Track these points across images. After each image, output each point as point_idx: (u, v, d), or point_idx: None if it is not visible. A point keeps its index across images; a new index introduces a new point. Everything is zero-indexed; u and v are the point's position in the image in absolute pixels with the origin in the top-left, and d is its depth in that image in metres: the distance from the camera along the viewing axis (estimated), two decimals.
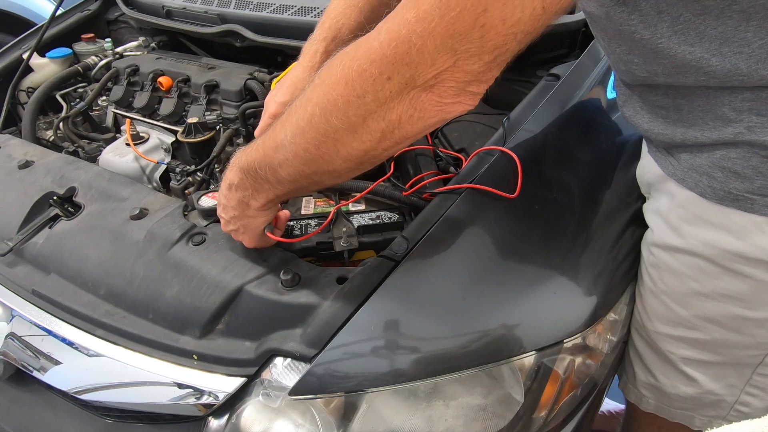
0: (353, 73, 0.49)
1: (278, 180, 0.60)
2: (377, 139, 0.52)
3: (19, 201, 0.90)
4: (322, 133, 0.53)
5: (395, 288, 0.64)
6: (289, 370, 0.64)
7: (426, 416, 0.61)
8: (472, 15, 0.43)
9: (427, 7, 0.44)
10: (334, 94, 0.50)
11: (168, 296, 0.71)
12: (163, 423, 0.73)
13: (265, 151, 0.59)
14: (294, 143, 0.55)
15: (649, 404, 0.80)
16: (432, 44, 0.44)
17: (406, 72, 0.47)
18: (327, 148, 0.53)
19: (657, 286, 0.70)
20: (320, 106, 0.52)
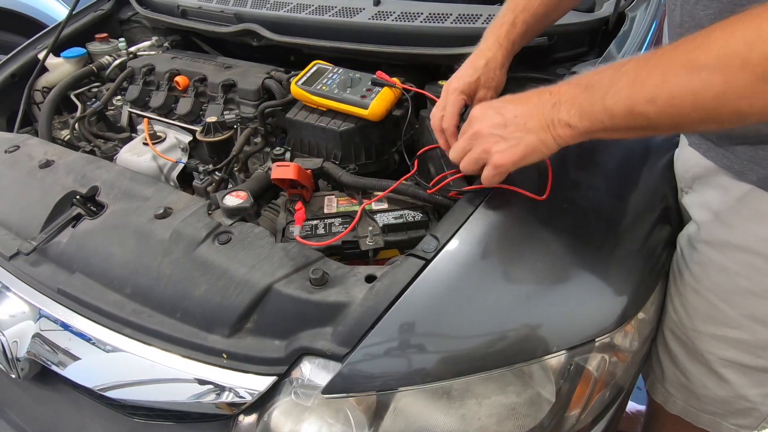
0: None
1: (623, 113, 0.53)
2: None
3: (41, 200, 0.90)
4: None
5: (426, 287, 0.64)
6: (320, 369, 0.64)
7: (459, 415, 0.61)
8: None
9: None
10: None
11: (196, 295, 0.71)
12: (190, 422, 0.73)
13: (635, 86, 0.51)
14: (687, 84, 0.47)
15: (676, 405, 0.80)
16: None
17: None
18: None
19: (701, 283, 0.69)
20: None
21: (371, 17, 1.08)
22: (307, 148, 1.03)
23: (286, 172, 0.82)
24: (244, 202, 0.80)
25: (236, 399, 0.67)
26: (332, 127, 0.97)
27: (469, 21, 1.02)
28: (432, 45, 1.03)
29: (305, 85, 1.00)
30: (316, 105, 1.01)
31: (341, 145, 0.98)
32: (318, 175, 0.93)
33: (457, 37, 1.01)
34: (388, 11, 1.08)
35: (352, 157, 0.99)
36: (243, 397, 0.66)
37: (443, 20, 1.03)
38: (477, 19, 1.01)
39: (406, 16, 1.06)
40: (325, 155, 1.00)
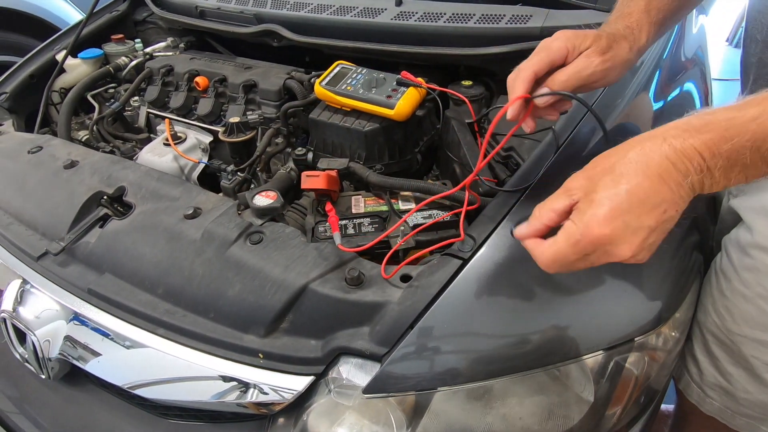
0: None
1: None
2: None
3: (68, 201, 0.90)
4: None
5: (464, 287, 0.64)
6: (357, 369, 0.64)
7: (501, 415, 0.60)
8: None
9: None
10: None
11: (230, 295, 0.71)
12: (224, 422, 0.73)
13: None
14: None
15: (713, 406, 0.79)
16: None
17: None
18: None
19: (752, 289, 0.68)
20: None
21: (393, 17, 1.08)
22: (330, 149, 1.03)
23: (317, 182, 0.82)
24: (275, 202, 0.80)
25: (274, 399, 0.67)
26: (357, 128, 0.97)
27: (493, 21, 1.02)
28: (455, 45, 1.03)
29: (329, 86, 1.00)
30: (340, 105, 1.01)
31: (366, 146, 0.98)
32: (344, 175, 0.93)
33: (480, 38, 1.01)
34: (410, 11, 1.08)
35: (376, 157, 0.99)
36: (281, 397, 0.66)
37: (466, 20, 1.03)
38: (500, 19, 1.01)
39: (428, 17, 1.06)
40: (349, 155, 1.00)
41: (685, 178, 0.45)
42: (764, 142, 0.44)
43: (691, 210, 0.79)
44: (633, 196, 0.45)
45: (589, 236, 0.46)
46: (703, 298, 0.78)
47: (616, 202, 0.46)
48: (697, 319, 0.78)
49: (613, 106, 0.84)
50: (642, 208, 0.46)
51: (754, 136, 0.44)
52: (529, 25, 0.99)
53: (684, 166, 0.45)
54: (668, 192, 0.46)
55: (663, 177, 0.45)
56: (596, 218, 0.46)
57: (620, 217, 0.46)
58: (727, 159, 0.45)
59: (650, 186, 0.45)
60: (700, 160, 0.45)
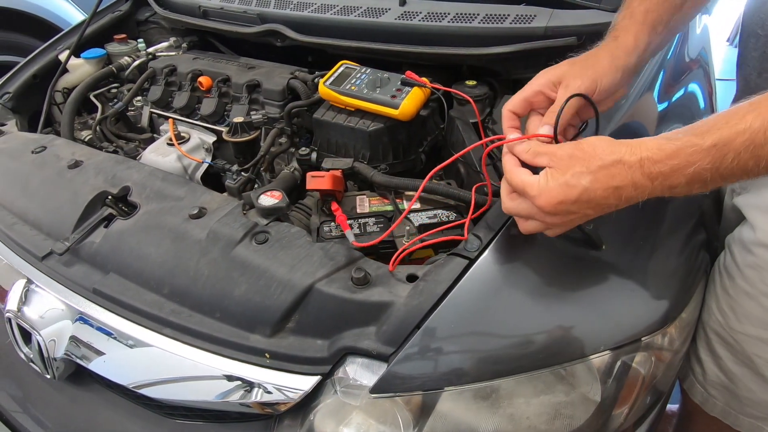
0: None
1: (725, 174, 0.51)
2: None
3: (72, 201, 0.90)
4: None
5: (471, 286, 0.64)
6: (363, 369, 0.64)
7: (508, 415, 0.60)
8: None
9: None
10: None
11: (236, 295, 0.71)
12: (229, 422, 0.73)
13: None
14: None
15: (716, 406, 0.79)
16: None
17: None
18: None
19: (756, 287, 0.69)
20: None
21: (397, 17, 1.08)
22: (334, 148, 1.03)
23: (322, 183, 0.82)
24: (280, 202, 0.80)
25: (279, 399, 0.67)
26: (361, 127, 0.97)
27: (497, 21, 1.01)
28: (459, 45, 1.03)
29: (333, 85, 1.00)
30: (344, 105, 1.01)
31: (370, 145, 0.98)
32: (348, 175, 0.93)
33: (484, 37, 1.01)
34: (414, 11, 1.07)
35: (380, 156, 0.99)
36: (286, 397, 0.66)
37: (470, 20, 1.03)
38: (504, 19, 1.01)
39: (432, 16, 1.06)
40: (353, 155, 1.00)
41: (640, 195, 0.54)
42: (722, 164, 0.50)
43: (696, 208, 0.80)
44: (584, 195, 0.54)
45: (538, 200, 0.56)
46: (707, 297, 0.78)
47: (568, 194, 0.55)
48: (701, 318, 0.78)
49: (617, 107, 0.84)
50: (587, 205, 0.55)
51: (713, 159, 0.50)
52: (533, 25, 0.98)
53: (642, 186, 0.53)
54: (616, 201, 0.55)
55: (618, 191, 0.54)
56: (549, 195, 0.56)
57: (565, 204, 0.55)
58: (689, 179, 0.51)
59: (603, 193, 0.54)
60: (662, 179, 0.52)
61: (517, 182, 0.59)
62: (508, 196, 0.62)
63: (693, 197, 0.79)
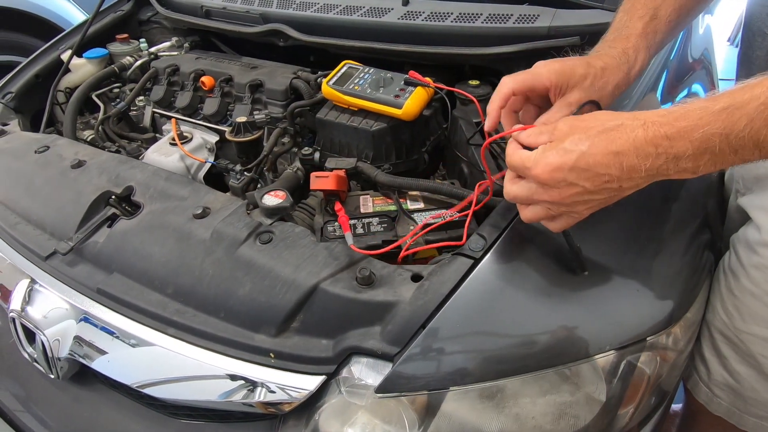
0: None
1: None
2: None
3: (75, 200, 0.90)
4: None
5: (476, 286, 0.64)
6: (368, 369, 0.64)
7: (513, 414, 0.60)
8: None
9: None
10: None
11: (240, 295, 0.71)
12: (234, 422, 0.73)
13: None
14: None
15: (721, 406, 0.79)
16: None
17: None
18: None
19: (761, 287, 0.69)
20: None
21: (400, 17, 1.08)
22: (337, 148, 1.03)
23: (326, 183, 0.82)
24: (284, 202, 0.80)
25: (282, 398, 0.67)
26: (365, 127, 0.97)
27: (500, 21, 1.01)
28: (462, 45, 1.03)
29: (337, 85, 1.00)
30: (347, 105, 1.01)
31: (373, 145, 0.98)
32: (351, 175, 0.93)
33: (488, 37, 1.01)
34: (417, 11, 1.07)
35: (384, 156, 0.99)
36: (289, 397, 0.66)
37: (474, 20, 1.03)
38: (508, 18, 1.01)
39: (435, 16, 1.06)
40: (356, 155, 1.00)
41: (643, 162, 0.50)
42: (732, 130, 0.47)
43: (701, 208, 0.80)
44: (581, 160, 0.52)
45: (533, 171, 0.54)
46: (711, 298, 0.78)
47: (565, 159, 0.52)
48: (705, 318, 0.78)
49: (620, 107, 0.84)
50: (584, 173, 0.52)
51: (724, 124, 0.47)
52: (536, 25, 0.99)
53: (645, 152, 0.49)
54: (617, 169, 0.51)
55: (619, 156, 0.50)
56: (545, 161, 0.53)
57: (561, 171, 0.53)
58: (697, 147, 0.48)
59: (602, 159, 0.51)
60: (668, 147, 0.49)
61: (516, 160, 0.57)
62: (510, 181, 0.60)
63: (697, 197, 0.80)
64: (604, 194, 0.54)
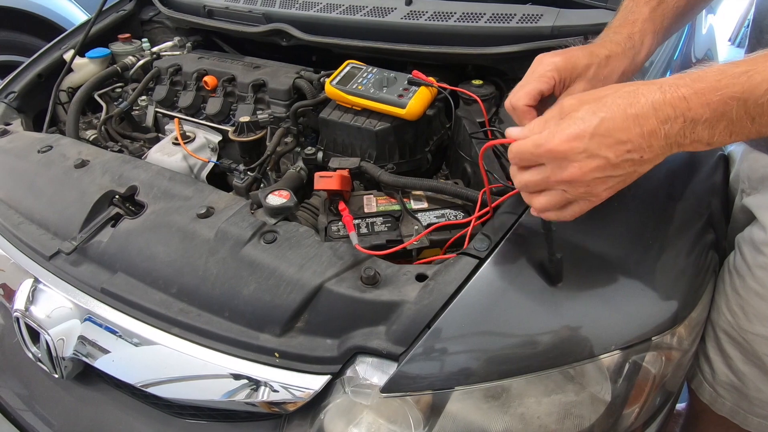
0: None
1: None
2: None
3: (79, 200, 0.90)
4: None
5: (481, 286, 0.64)
6: (373, 368, 0.64)
7: (519, 414, 0.60)
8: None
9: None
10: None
11: (245, 294, 0.71)
12: (238, 421, 0.73)
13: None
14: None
15: (724, 406, 0.79)
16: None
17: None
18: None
19: (766, 287, 0.68)
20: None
21: (403, 17, 1.08)
22: (340, 148, 1.03)
23: (330, 183, 0.82)
24: (288, 201, 0.80)
25: (285, 398, 0.67)
26: (368, 127, 0.97)
27: (503, 20, 1.01)
28: (465, 44, 1.03)
29: (340, 85, 1.00)
30: (350, 104, 1.01)
31: (376, 145, 0.98)
32: (354, 174, 0.92)
33: (491, 37, 1.01)
34: (420, 11, 1.07)
35: (387, 156, 0.99)
36: (292, 396, 0.66)
37: (477, 20, 1.02)
38: (511, 18, 1.01)
39: (438, 16, 1.06)
40: (359, 155, 1.00)
41: (662, 125, 0.47)
42: (752, 95, 0.45)
43: (706, 208, 0.80)
44: (602, 126, 0.48)
45: (549, 145, 0.50)
46: (716, 297, 0.78)
47: (584, 126, 0.49)
48: (710, 318, 0.78)
49: None
50: (606, 140, 0.48)
51: (743, 88, 0.45)
52: (539, 25, 0.98)
53: (665, 114, 0.47)
54: (638, 135, 0.48)
55: (639, 119, 0.47)
56: (561, 132, 0.49)
57: (581, 140, 0.49)
58: (714, 110, 0.46)
59: (622, 123, 0.48)
60: (684, 110, 0.46)
61: (524, 145, 0.52)
62: (518, 171, 0.55)
63: (701, 195, 0.80)
64: (626, 167, 0.50)
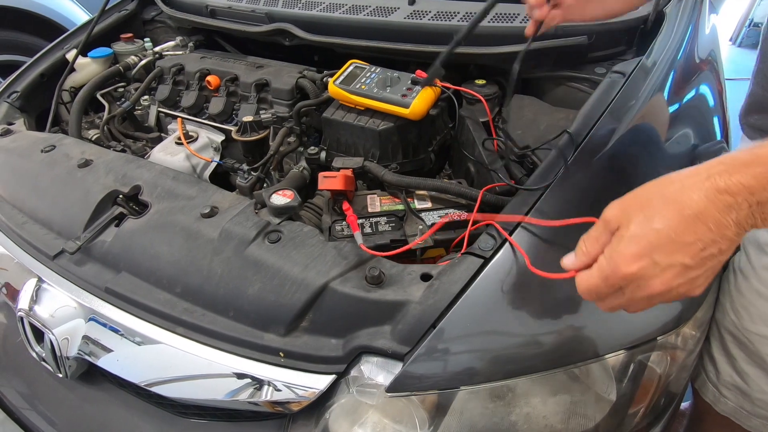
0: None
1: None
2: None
3: (83, 200, 0.90)
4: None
5: (486, 285, 0.64)
6: (378, 368, 0.64)
7: (524, 414, 0.60)
8: None
9: None
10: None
11: (249, 294, 0.71)
12: (243, 421, 0.73)
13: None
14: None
15: (727, 406, 0.79)
16: None
17: None
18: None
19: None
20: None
21: (406, 16, 1.08)
22: (343, 148, 1.03)
23: (335, 183, 0.82)
24: (292, 201, 0.80)
25: (288, 397, 0.67)
26: (371, 127, 0.97)
27: (507, 20, 1.01)
28: (469, 44, 1.03)
29: (343, 84, 1.00)
30: (354, 104, 1.01)
31: (380, 145, 0.98)
32: (359, 174, 0.92)
33: (495, 36, 1.01)
34: (423, 10, 1.07)
35: (390, 156, 0.99)
36: (296, 395, 0.66)
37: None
38: (514, 18, 1.01)
39: (442, 15, 1.06)
40: (362, 154, 1.00)
41: (727, 215, 0.43)
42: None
43: None
44: (663, 235, 0.44)
45: (618, 273, 0.46)
46: (720, 297, 0.78)
47: (645, 242, 0.45)
48: (714, 318, 0.78)
49: (627, 108, 0.84)
50: (673, 247, 0.44)
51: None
52: None
53: (725, 204, 0.43)
54: (705, 231, 0.44)
55: (699, 217, 0.43)
56: (624, 256, 0.46)
57: (648, 256, 0.45)
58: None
59: (684, 226, 0.44)
60: (747, 195, 0.43)
61: (593, 283, 0.48)
62: (598, 301, 0.51)
63: None
64: (708, 263, 0.45)
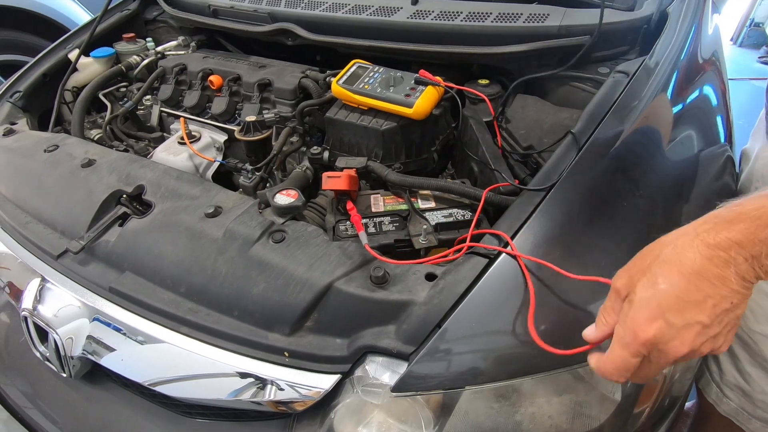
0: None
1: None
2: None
3: (86, 199, 0.90)
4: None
5: (491, 285, 0.64)
6: (383, 368, 0.64)
7: (529, 414, 0.60)
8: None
9: None
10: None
11: (254, 293, 0.71)
12: (248, 421, 0.73)
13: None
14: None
15: (729, 406, 0.79)
16: None
17: None
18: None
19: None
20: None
21: (409, 16, 1.08)
22: (347, 147, 1.03)
23: (338, 183, 0.82)
24: (296, 201, 0.80)
25: (292, 396, 0.67)
26: (375, 126, 0.97)
27: (510, 20, 1.01)
28: (472, 44, 1.03)
29: (346, 84, 1.00)
30: (357, 104, 1.01)
31: (383, 144, 0.98)
32: (362, 174, 0.92)
33: (497, 36, 1.01)
34: (426, 10, 1.07)
35: (393, 155, 0.99)
36: (299, 395, 0.66)
37: (483, 19, 1.03)
38: (517, 18, 1.01)
39: (445, 15, 1.06)
40: (365, 154, 1.00)
41: (726, 269, 0.44)
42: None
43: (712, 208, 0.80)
44: (670, 295, 0.45)
45: (638, 339, 0.46)
46: None
47: (655, 303, 0.45)
48: None
49: (630, 108, 0.84)
50: (682, 305, 0.45)
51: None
52: (546, 24, 0.99)
53: (720, 259, 0.44)
54: (710, 287, 0.44)
55: (700, 273, 0.44)
56: (637, 321, 0.46)
57: (661, 317, 0.45)
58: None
59: (687, 284, 0.45)
60: (738, 249, 0.44)
61: (616, 358, 0.48)
62: (626, 371, 0.49)
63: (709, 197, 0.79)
64: (725, 318, 0.46)
